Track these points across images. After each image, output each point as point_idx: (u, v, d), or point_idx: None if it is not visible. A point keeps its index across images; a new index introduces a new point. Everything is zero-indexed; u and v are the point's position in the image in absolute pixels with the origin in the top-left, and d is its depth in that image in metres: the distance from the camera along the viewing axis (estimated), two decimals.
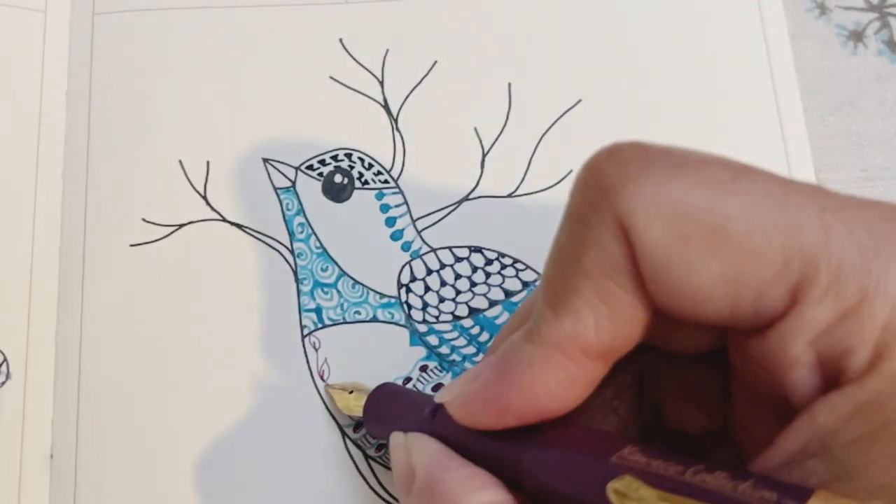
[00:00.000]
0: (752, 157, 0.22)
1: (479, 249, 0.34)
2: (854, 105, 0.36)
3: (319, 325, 0.33)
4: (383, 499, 0.31)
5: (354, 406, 0.30)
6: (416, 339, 0.33)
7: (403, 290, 0.33)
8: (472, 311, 0.33)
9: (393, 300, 0.33)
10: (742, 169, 0.20)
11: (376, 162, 0.35)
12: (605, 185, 0.20)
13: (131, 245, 0.34)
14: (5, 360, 0.32)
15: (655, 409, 0.25)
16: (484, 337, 0.33)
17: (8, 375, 0.31)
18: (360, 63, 0.36)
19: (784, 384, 0.19)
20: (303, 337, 0.33)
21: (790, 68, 0.36)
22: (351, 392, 0.30)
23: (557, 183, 0.35)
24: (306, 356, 0.32)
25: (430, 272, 0.34)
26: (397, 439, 0.25)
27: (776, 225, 0.18)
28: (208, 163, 0.35)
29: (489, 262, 0.34)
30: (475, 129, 0.35)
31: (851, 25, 0.37)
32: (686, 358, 0.23)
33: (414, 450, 0.24)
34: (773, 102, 0.36)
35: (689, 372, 0.24)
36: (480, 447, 0.23)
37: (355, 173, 0.35)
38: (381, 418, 0.28)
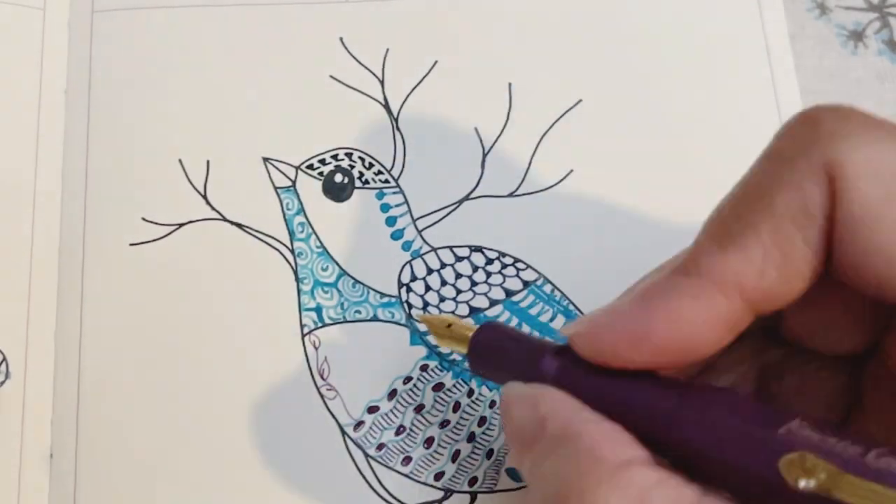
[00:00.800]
0: (753, 157, 0.22)
1: (479, 249, 0.34)
2: (854, 105, 0.36)
3: (319, 324, 0.33)
4: (384, 499, 0.31)
5: (454, 340, 0.28)
6: (417, 338, 0.33)
7: (404, 290, 0.33)
8: (473, 311, 0.33)
9: (393, 299, 0.33)
10: None
11: (377, 161, 0.35)
12: (822, 132, 0.19)
13: (131, 244, 0.33)
14: (4, 359, 0.31)
15: (773, 402, 0.24)
16: None
17: (7, 375, 0.31)
18: (360, 62, 0.36)
19: None
20: (303, 336, 0.33)
21: (790, 68, 0.36)
22: (449, 325, 0.28)
23: (558, 182, 0.35)
24: (306, 355, 0.32)
25: (430, 271, 0.34)
26: (518, 389, 0.23)
27: None
28: (208, 162, 0.35)
29: (490, 261, 0.34)
30: (476, 128, 0.35)
31: (851, 25, 0.37)
32: (816, 359, 0.22)
33: (543, 400, 0.22)
34: (773, 103, 0.36)
35: (816, 373, 0.23)
36: (617, 400, 0.21)
37: (356, 173, 0.35)
38: (489, 357, 0.26)
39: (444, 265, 0.34)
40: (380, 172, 0.35)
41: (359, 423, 0.32)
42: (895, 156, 0.19)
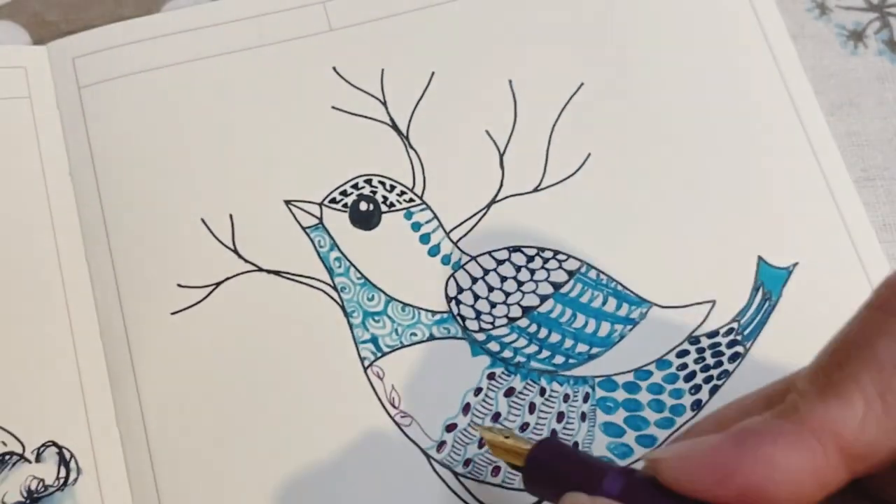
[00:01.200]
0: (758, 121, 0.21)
1: (517, 248, 0.34)
2: (854, 105, 0.37)
3: (379, 354, 0.33)
4: None
5: (511, 454, 0.27)
6: (477, 348, 0.33)
7: (453, 303, 0.33)
8: (526, 311, 0.33)
9: (445, 315, 0.33)
10: None
11: (398, 183, 0.35)
12: None
13: (172, 313, 0.33)
14: (73, 456, 0.31)
15: None
16: (542, 333, 0.33)
17: (79, 471, 0.31)
18: (358, 87, 0.36)
19: None
20: (365, 369, 0.32)
21: (790, 47, 0.37)
22: (507, 438, 0.28)
23: (579, 168, 0.35)
24: (373, 388, 0.32)
25: (475, 280, 0.34)
26: (580, 499, 0.23)
27: None
28: (231, 216, 0.34)
29: (530, 258, 0.34)
30: (487, 131, 0.36)
31: (851, 25, 0.38)
32: None
33: None
34: (774, 68, 0.36)
35: None
36: None
37: (379, 198, 0.34)
38: (547, 474, 0.26)
39: (486, 271, 0.34)
40: (403, 193, 0.35)
41: (441, 444, 0.31)
42: None
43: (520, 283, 0.34)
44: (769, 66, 0.37)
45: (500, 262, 0.34)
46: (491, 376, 0.32)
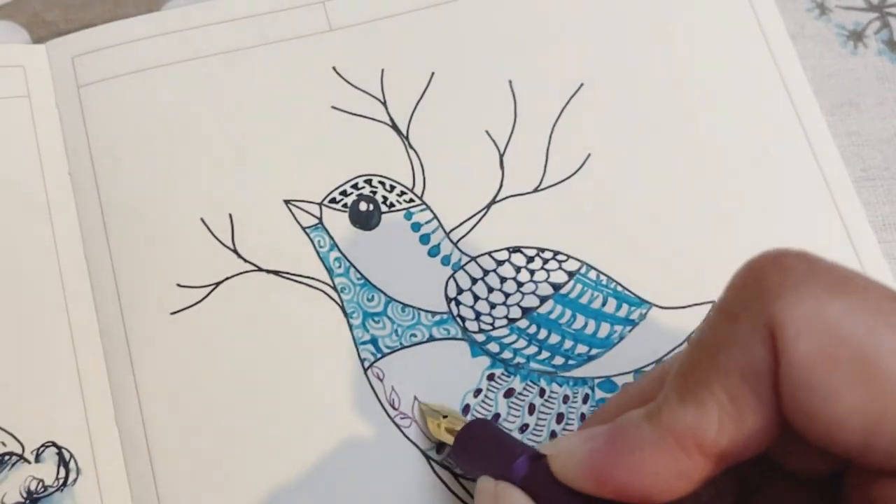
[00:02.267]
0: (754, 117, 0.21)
1: (517, 249, 0.34)
2: (854, 105, 0.37)
3: (379, 355, 0.33)
4: None
5: (445, 433, 0.30)
6: (477, 349, 0.33)
7: (453, 304, 0.33)
8: (526, 311, 0.33)
9: (445, 316, 0.33)
10: None
11: (397, 183, 0.35)
12: (763, 287, 0.20)
13: (172, 313, 0.33)
14: (72, 456, 0.31)
15: None
16: (542, 334, 0.33)
17: (78, 471, 0.31)
18: (358, 87, 0.36)
19: None
20: (365, 370, 0.32)
21: (790, 47, 0.37)
22: (445, 417, 0.30)
23: (579, 169, 0.35)
24: (373, 389, 0.32)
25: (475, 281, 0.34)
26: (486, 484, 0.25)
27: None
28: (231, 215, 0.34)
29: (530, 259, 0.34)
30: (487, 131, 0.35)
31: (851, 25, 0.38)
32: (795, 477, 0.23)
33: (503, 501, 0.24)
34: (774, 69, 0.36)
35: (795, 492, 0.23)
36: None
37: (379, 198, 0.34)
38: (471, 455, 0.28)
39: (486, 272, 0.34)
40: (403, 193, 0.35)
41: (441, 445, 0.31)
42: (835, 314, 0.19)
43: (519, 284, 0.33)
44: (769, 66, 0.37)
45: (499, 263, 0.34)
46: (490, 377, 0.32)
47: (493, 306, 0.33)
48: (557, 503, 0.23)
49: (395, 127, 0.35)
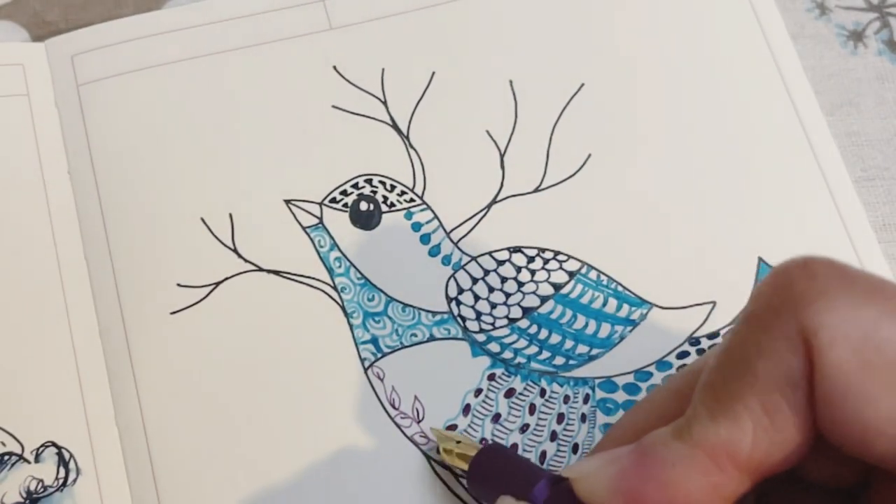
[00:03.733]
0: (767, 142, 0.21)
1: (518, 249, 0.34)
2: (854, 105, 0.37)
3: (379, 355, 0.32)
4: None
5: (457, 458, 0.29)
6: (478, 349, 0.33)
7: (454, 304, 0.33)
8: (526, 311, 0.33)
9: (446, 316, 0.33)
10: None
11: (398, 182, 0.35)
12: (794, 295, 0.19)
13: (171, 313, 0.33)
14: (72, 456, 0.31)
15: None
16: (543, 334, 0.33)
17: (78, 471, 0.30)
18: (358, 87, 0.36)
19: None
20: (365, 370, 0.32)
21: (787, 38, 0.37)
22: (458, 442, 0.29)
23: (579, 169, 0.35)
24: (373, 388, 0.32)
25: (475, 281, 0.33)
26: (506, 503, 0.24)
27: None
28: (231, 215, 0.34)
29: (531, 259, 0.34)
30: (487, 131, 0.35)
31: (851, 25, 0.38)
32: (817, 487, 0.23)
33: None
34: (777, 77, 0.36)
35: (813, 500, 0.23)
36: None
37: (379, 198, 0.34)
38: (486, 480, 0.28)
39: (487, 272, 0.34)
40: (403, 193, 0.34)
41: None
42: (870, 319, 0.18)
43: (520, 284, 0.33)
44: (769, 66, 0.37)
45: (500, 263, 0.34)
46: (491, 377, 0.32)
47: (493, 306, 0.33)
48: None
49: (395, 126, 0.35)
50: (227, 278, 0.33)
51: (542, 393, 0.32)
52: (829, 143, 0.36)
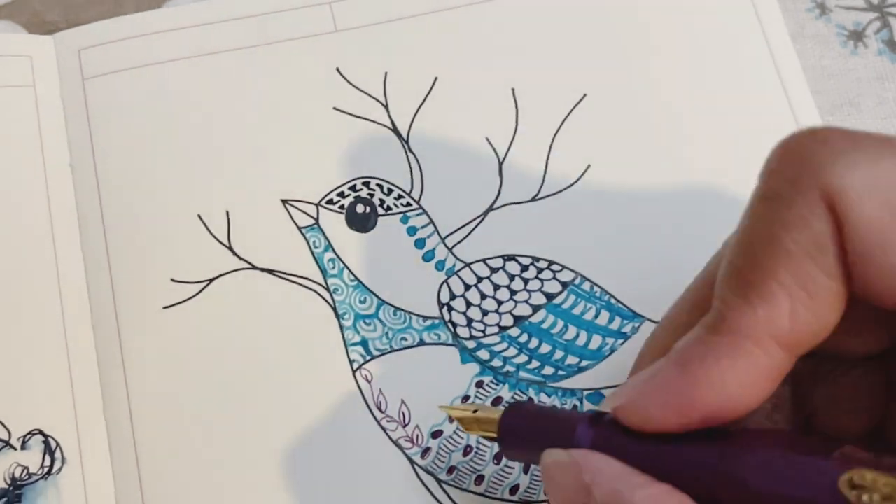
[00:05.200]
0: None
1: (512, 257, 0.34)
2: (854, 105, 0.37)
3: (368, 358, 0.32)
4: None
5: (483, 425, 0.27)
6: (467, 356, 0.33)
7: (445, 310, 0.33)
8: (518, 320, 0.33)
9: (437, 321, 0.33)
10: None
11: (395, 186, 0.35)
12: (810, 161, 0.19)
13: (164, 307, 0.33)
14: (58, 445, 0.31)
15: (809, 416, 0.24)
16: (533, 344, 0.33)
17: (63, 461, 0.31)
18: (360, 89, 0.36)
19: None
20: (353, 371, 0.32)
21: (789, 46, 0.36)
22: (475, 411, 0.28)
23: (578, 179, 0.35)
24: (360, 391, 0.32)
25: (468, 287, 0.33)
26: (558, 456, 0.23)
27: None
28: (228, 212, 0.34)
29: (525, 268, 0.34)
30: (487, 138, 0.35)
31: (851, 25, 0.37)
32: (845, 362, 0.22)
33: (588, 466, 0.22)
34: (776, 80, 0.36)
35: (847, 376, 0.23)
36: (659, 460, 0.21)
37: (376, 200, 0.34)
38: (522, 437, 0.26)
39: (480, 279, 0.34)
40: (400, 196, 0.35)
41: (426, 450, 0.31)
42: (889, 169, 0.18)
43: (513, 292, 0.33)
44: (770, 72, 0.36)
45: (494, 271, 0.34)
46: (479, 384, 0.32)
47: (485, 313, 0.33)
48: (639, 455, 0.22)
49: (395, 130, 0.35)
50: (220, 275, 0.33)
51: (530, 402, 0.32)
52: None
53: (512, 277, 0.34)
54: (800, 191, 0.19)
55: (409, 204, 0.34)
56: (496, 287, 0.33)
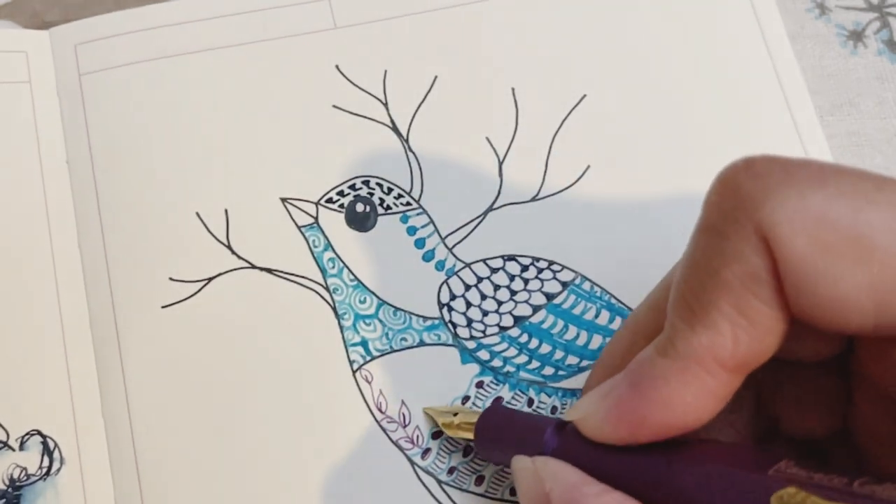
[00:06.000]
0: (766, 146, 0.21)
1: (512, 257, 0.34)
2: (854, 105, 0.37)
3: (368, 358, 0.32)
4: None
5: (460, 430, 0.29)
6: (467, 356, 0.33)
7: (445, 310, 0.33)
8: (518, 320, 0.33)
9: (436, 321, 0.33)
10: (883, 179, 0.20)
11: (395, 185, 0.35)
12: (744, 197, 0.20)
13: (163, 307, 0.33)
14: (56, 445, 0.31)
15: (772, 418, 0.25)
16: (533, 344, 0.33)
17: (62, 461, 0.30)
18: (360, 87, 0.36)
19: None
20: (353, 372, 0.32)
21: (788, 48, 0.36)
22: (455, 414, 0.30)
23: (578, 180, 0.35)
24: (360, 391, 0.32)
25: (468, 287, 0.33)
26: (523, 463, 0.25)
27: None
28: (226, 211, 0.34)
29: (525, 268, 0.34)
30: (487, 138, 0.35)
31: (851, 25, 0.37)
32: (805, 366, 0.23)
33: (546, 475, 0.24)
34: (776, 84, 0.36)
35: (809, 379, 0.24)
36: (614, 468, 0.23)
37: (376, 200, 0.34)
38: (495, 440, 0.28)
39: (480, 279, 0.34)
40: (400, 196, 0.34)
41: (426, 451, 0.31)
42: (820, 204, 0.19)
43: (513, 293, 0.33)
44: (769, 73, 0.36)
45: (494, 271, 0.34)
46: (479, 384, 0.32)
47: (485, 313, 0.33)
48: (597, 463, 0.23)
49: (395, 129, 0.35)
50: (219, 274, 0.33)
51: (530, 403, 0.32)
52: (823, 145, 0.35)
53: (512, 277, 0.34)
54: (736, 226, 0.20)
55: (408, 203, 0.34)
56: (496, 287, 0.33)
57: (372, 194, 0.34)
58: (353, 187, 0.34)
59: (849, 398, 0.23)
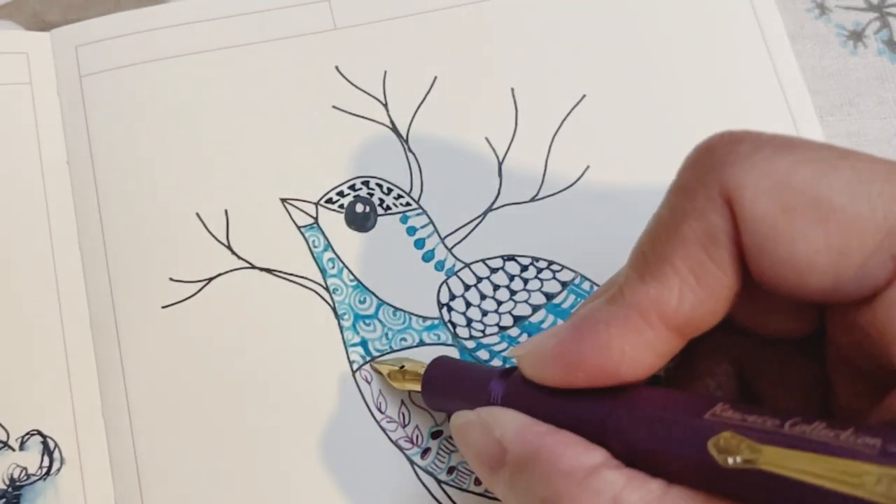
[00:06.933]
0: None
1: (512, 257, 0.34)
2: (854, 105, 0.37)
3: (368, 358, 0.32)
4: None
5: (408, 381, 0.30)
6: (467, 356, 0.33)
7: (445, 310, 0.33)
8: (517, 320, 0.33)
9: (436, 321, 0.33)
10: (848, 151, 0.20)
11: (395, 186, 0.35)
12: (715, 160, 0.21)
13: (163, 307, 0.33)
14: (57, 445, 0.31)
15: (755, 397, 0.25)
16: None
17: (62, 461, 0.31)
18: (360, 88, 0.36)
19: (891, 354, 0.20)
20: (353, 372, 0.32)
21: (788, 48, 0.36)
22: (402, 367, 0.30)
23: (577, 180, 0.35)
24: (360, 391, 0.32)
25: (467, 287, 0.33)
26: (465, 417, 0.25)
27: (880, 194, 0.19)
28: (226, 211, 0.34)
29: (524, 268, 0.34)
30: (486, 138, 0.35)
31: (851, 25, 0.37)
32: (786, 346, 0.24)
33: (496, 423, 0.24)
34: (776, 84, 0.36)
35: (790, 360, 0.24)
36: (557, 415, 0.23)
37: (376, 200, 0.34)
38: (442, 391, 0.28)
39: (479, 279, 0.34)
40: (400, 196, 0.34)
41: (425, 451, 0.31)
42: (784, 168, 0.20)
43: (512, 293, 0.33)
44: (769, 72, 0.36)
45: (493, 271, 0.34)
46: None
47: (484, 313, 0.33)
48: (540, 408, 0.23)
49: (395, 129, 0.35)
50: (219, 274, 0.33)
51: None
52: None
53: (511, 277, 0.34)
54: (703, 185, 0.21)
55: (408, 204, 0.34)
56: (496, 287, 0.33)
57: (372, 195, 0.34)
58: (352, 188, 0.34)
59: (826, 380, 0.23)
